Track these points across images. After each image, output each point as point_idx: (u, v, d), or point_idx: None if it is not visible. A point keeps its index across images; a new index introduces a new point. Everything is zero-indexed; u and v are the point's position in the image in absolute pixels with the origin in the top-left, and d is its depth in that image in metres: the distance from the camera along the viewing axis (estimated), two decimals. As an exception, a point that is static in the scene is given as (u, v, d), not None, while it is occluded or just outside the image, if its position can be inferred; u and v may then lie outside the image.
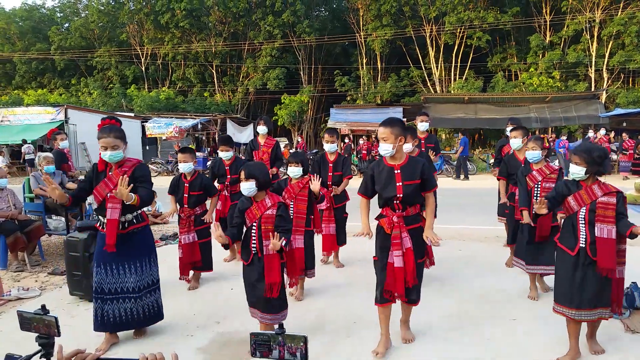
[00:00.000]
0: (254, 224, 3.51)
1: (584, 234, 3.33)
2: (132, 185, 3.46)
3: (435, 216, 4.73)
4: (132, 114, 27.43)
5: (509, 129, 6.17)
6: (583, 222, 3.34)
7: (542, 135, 4.89)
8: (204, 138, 27.79)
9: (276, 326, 1.70)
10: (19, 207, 6.38)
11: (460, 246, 6.77)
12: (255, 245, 3.50)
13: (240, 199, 3.63)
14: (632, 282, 4.26)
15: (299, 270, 3.74)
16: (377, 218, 3.57)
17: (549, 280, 4.61)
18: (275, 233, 3.35)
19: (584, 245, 3.32)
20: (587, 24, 27.73)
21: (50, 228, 6.67)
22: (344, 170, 5.69)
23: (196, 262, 5.16)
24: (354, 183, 5.42)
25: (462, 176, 17.00)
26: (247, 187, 3.47)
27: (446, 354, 3.52)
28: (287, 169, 4.75)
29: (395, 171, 3.39)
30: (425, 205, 3.53)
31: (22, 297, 4.98)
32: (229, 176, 5.93)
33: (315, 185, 4.55)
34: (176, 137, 23.68)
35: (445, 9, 29.31)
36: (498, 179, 5.68)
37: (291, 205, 4.63)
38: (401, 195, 3.36)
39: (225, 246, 5.42)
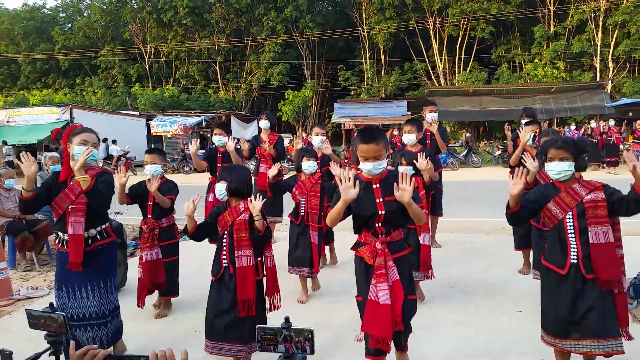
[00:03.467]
0: (225, 232, 3.15)
1: (575, 246, 2.71)
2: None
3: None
4: (137, 113, 27.65)
5: (523, 121, 6.03)
6: (572, 231, 2.73)
7: (557, 129, 4.59)
8: (208, 135, 27.82)
9: (283, 321, 1.68)
10: (27, 207, 6.41)
11: (466, 239, 6.76)
12: (225, 257, 3.11)
13: (218, 204, 3.34)
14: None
15: (278, 289, 3.34)
16: (354, 247, 2.96)
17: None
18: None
19: (575, 261, 2.70)
20: (592, 13, 27.50)
21: (57, 227, 6.70)
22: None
23: (160, 284, 4.26)
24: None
25: None
26: (219, 188, 3.19)
27: (454, 346, 3.52)
28: (294, 163, 4.63)
29: (374, 186, 2.84)
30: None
31: (31, 296, 5.03)
32: (219, 165, 5.60)
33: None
34: (181, 134, 23.78)
35: (448, 0, 29.15)
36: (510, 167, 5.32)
37: (303, 201, 4.55)
38: (383, 212, 2.80)
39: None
